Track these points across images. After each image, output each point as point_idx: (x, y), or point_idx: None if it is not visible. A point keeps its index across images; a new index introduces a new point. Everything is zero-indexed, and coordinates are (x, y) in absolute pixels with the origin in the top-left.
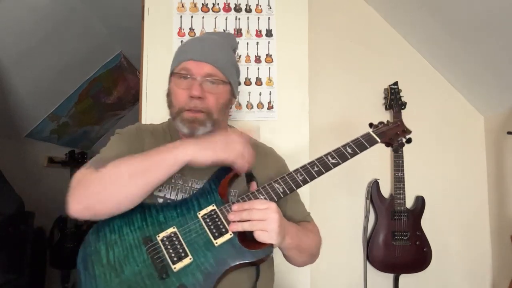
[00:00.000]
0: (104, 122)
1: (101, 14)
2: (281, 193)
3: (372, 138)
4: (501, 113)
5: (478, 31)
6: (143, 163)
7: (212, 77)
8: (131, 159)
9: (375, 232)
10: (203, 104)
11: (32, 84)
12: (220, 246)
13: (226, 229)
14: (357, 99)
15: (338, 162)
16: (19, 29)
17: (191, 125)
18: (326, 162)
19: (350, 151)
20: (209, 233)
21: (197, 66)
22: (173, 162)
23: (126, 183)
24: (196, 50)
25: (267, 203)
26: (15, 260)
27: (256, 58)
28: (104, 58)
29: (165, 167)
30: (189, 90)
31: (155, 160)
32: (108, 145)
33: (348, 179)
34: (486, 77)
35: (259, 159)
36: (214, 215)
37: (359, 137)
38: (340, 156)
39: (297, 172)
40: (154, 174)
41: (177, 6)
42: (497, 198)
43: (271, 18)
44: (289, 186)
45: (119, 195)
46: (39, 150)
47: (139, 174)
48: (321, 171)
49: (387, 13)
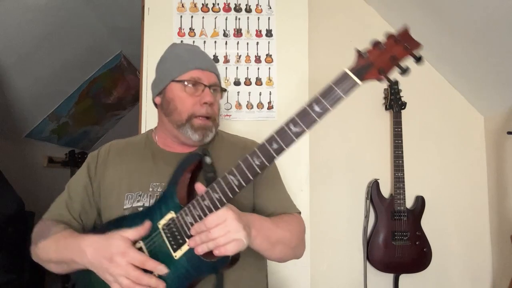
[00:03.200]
0: (104, 122)
1: (101, 14)
2: (236, 187)
3: (348, 81)
4: (501, 113)
5: (478, 31)
6: (62, 257)
7: (216, 86)
8: (55, 246)
9: (375, 232)
10: (212, 110)
11: (32, 84)
12: (180, 259)
13: (183, 239)
14: (357, 99)
15: (303, 130)
16: (19, 29)
17: (203, 132)
18: (287, 132)
19: (318, 110)
20: (169, 245)
21: (205, 75)
22: (80, 266)
23: (54, 267)
24: (200, 59)
25: (222, 215)
26: (15, 260)
27: (256, 58)
28: (104, 58)
29: (74, 266)
30: (199, 97)
31: (67, 258)
32: (63, 192)
33: (348, 179)
34: (486, 77)
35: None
36: (172, 224)
37: (330, 83)
38: (304, 121)
39: (253, 155)
40: (68, 267)
41: (177, 6)
42: (497, 198)
43: (271, 18)
44: (245, 177)
45: (54, 270)
46: (39, 150)
47: (61, 264)
48: (281, 147)
49: (387, 13)
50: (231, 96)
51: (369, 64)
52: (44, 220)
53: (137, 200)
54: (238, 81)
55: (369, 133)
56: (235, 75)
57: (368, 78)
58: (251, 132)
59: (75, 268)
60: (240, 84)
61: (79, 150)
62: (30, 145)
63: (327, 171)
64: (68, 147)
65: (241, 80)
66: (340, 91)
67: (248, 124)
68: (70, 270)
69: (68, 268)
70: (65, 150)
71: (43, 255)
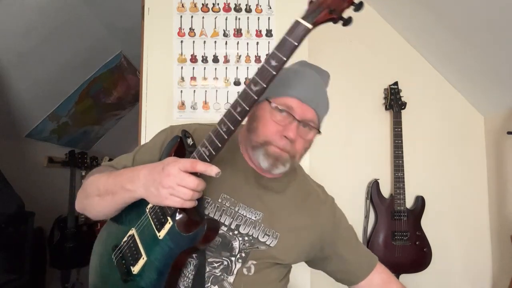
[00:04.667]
0: (104, 122)
1: (101, 14)
2: (207, 157)
3: (299, 28)
4: (501, 113)
5: (479, 31)
6: (111, 187)
7: (310, 123)
8: (106, 177)
9: (375, 232)
10: (292, 147)
11: (32, 84)
12: (163, 238)
13: (165, 218)
14: (357, 99)
15: (263, 87)
16: (19, 29)
17: (275, 161)
18: (249, 93)
19: (274, 63)
20: (154, 226)
21: (301, 108)
22: (130, 196)
23: (96, 201)
24: (304, 90)
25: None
26: (15, 260)
27: (256, 58)
28: (104, 58)
29: (121, 196)
30: (283, 127)
31: (117, 185)
32: (130, 153)
33: (348, 179)
34: (486, 77)
35: (307, 199)
36: (155, 205)
37: (284, 35)
38: (263, 78)
39: (221, 123)
40: (112, 200)
41: (177, 6)
42: (497, 198)
43: (271, 18)
44: (214, 145)
45: (94, 208)
46: (39, 150)
47: (105, 196)
48: (244, 109)
49: (387, 13)
50: (231, 96)
51: (319, 7)
52: (102, 166)
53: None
54: (238, 81)
55: (369, 133)
56: (235, 75)
57: (320, 21)
58: None
59: (120, 200)
60: (240, 84)
61: (79, 150)
62: (30, 145)
63: (327, 171)
64: (68, 147)
65: (241, 80)
66: (292, 40)
67: None
68: (113, 203)
69: (111, 201)
70: (65, 150)
71: (90, 188)
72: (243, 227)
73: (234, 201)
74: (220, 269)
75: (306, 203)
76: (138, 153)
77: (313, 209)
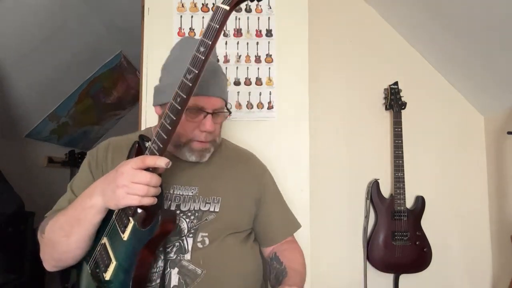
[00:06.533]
0: (104, 122)
1: (101, 14)
2: (156, 151)
3: (220, 12)
4: (501, 113)
5: (478, 31)
6: (73, 218)
7: (220, 109)
8: (63, 215)
9: (375, 232)
10: (212, 136)
11: (32, 84)
12: (128, 239)
13: (128, 219)
14: (357, 99)
15: (195, 74)
16: (19, 29)
17: (200, 153)
18: (185, 83)
19: (203, 49)
20: (119, 230)
21: (209, 101)
22: (94, 213)
23: (65, 244)
24: (205, 84)
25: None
26: (15, 260)
27: (256, 58)
28: (104, 58)
29: (87, 219)
30: (198, 123)
31: (77, 212)
32: (66, 193)
33: (348, 179)
34: (486, 77)
35: (238, 164)
36: (120, 210)
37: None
38: (195, 65)
39: (165, 116)
40: (84, 225)
41: (177, 6)
42: (497, 198)
43: (271, 18)
44: (161, 138)
45: (66, 253)
46: (39, 150)
47: (72, 230)
48: (182, 98)
49: (387, 13)
50: (231, 96)
51: None
52: (47, 217)
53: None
54: (238, 81)
55: (369, 133)
56: (235, 75)
57: (235, 1)
58: (251, 132)
59: (87, 223)
60: (240, 84)
61: (79, 150)
62: (30, 145)
63: (327, 171)
64: (68, 147)
65: (241, 80)
66: (215, 24)
67: (248, 124)
68: (83, 232)
69: (80, 230)
70: (65, 150)
71: (54, 235)
72: (183, 205)
73: (166, 185)
74: (174, 252)
75: (238, 166)
76: (73, 185)
77: (244, 170)
